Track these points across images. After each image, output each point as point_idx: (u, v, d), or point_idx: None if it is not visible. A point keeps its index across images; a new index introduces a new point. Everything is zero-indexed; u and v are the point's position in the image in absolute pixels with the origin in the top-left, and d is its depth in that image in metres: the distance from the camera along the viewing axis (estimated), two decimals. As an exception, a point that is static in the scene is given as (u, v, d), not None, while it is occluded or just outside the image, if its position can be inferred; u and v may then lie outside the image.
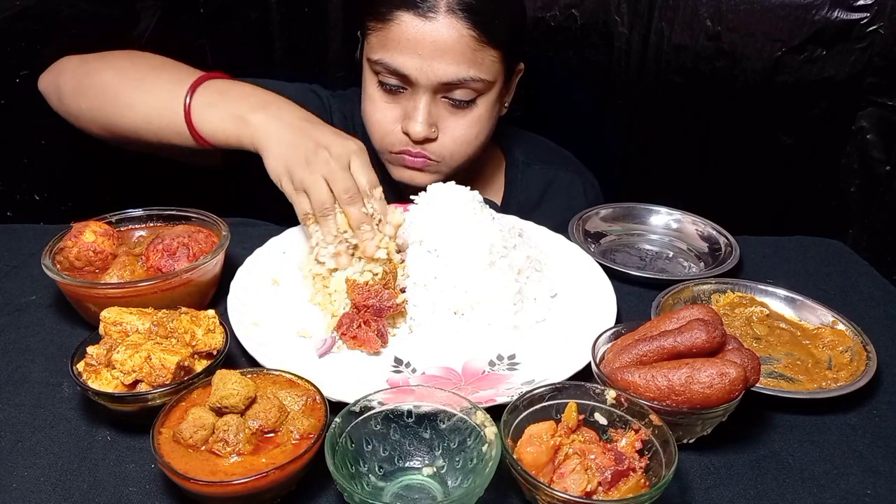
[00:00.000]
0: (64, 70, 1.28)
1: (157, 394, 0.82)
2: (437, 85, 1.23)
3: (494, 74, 1.27)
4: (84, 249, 1.02)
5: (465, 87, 1.25)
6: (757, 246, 1.34)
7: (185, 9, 1.61)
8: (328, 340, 1.01)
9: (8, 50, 1.37)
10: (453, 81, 1.23)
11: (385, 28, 1.23)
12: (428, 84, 1.23)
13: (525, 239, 1.19)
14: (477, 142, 1.33)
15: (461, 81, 1.23)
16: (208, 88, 1.18)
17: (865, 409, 0.95)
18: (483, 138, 1.34)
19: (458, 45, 1.20)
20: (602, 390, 0.82)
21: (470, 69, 1.22)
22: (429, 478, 0.79)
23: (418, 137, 1.27)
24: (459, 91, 1.25)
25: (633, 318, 1.05)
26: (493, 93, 1.30)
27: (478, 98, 1.28)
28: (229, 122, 1.15)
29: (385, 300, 1.01)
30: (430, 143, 1.30)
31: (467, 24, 1.20)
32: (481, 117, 1.31)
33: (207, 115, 1.16)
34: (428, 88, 1.24)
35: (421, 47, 1.20)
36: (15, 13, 1.36)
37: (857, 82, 1.50)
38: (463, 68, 1.22)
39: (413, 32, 1.20)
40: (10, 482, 0.79)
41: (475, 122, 1.30)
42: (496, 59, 1.26)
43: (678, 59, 1.59)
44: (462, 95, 1.26)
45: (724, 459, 0.85)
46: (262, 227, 1.29)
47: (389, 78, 1.26)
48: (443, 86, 1.24)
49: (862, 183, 1.58)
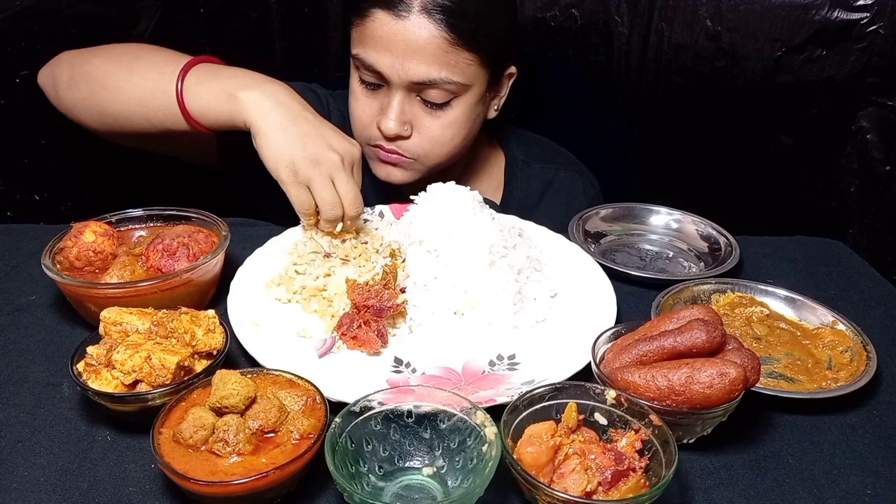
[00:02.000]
0: (60, 62, 1.28)
1: (158, 394, 0.82)
2: (408, 83, 1.24)
3: (470, 78, 1.26)
4: (84, 249, 1.02)
5: (438, 87, 1.25)
6: (757, 246, 1.34)
7: (185, 9, 1.61)
8: (328, 340, 1.01)
9: (8, 50, 1.37)
10: (424, 81, 1.23)
11: (363, 24, 1.24)
12: (399, 82, 1.24)
13: (525, 239, 1.19)
14: (452, 144, 1.33)
15: (432, 82, 1.23)
16: (200, 69, 1.18)
17: (865, 409, 0.95)
18: (460, 141, 1.34)
19: (429, 45, 1.20)
20: (602, 390, 0.82)
21: (442, 70, 1.22)
22: (429, 478, 0.79)
23: (389, 134, 1.27)
24: (433, 92, 1.25)
25: (633, 318, 1.05)
26: (470, 96, 1.29)
27: (453, 100, 1.28)
28: (221, 100, 1.12)
29: (385, 300, 1.01)
30: (403, 140, 1.30)
31: (440, 25, 1.20)
32: (457, 120, 1.30)
33: (198, 92, 1.14)
34: (400, 86, 1.24)
35: (393, 45, 1.21)
36: (15, 13, 1.36)
37: (857, 82, 1.50)
38: (434, 69, 1.22)
39: (386, 30, 1.21)
40: (10, 482, 0.79)
41: (450, 125, 1.30)
42: (472, 63, 1.25)
43: (678, 59, 1.59)
44: (436, 97, 1.26)
45: (724, 459, 0.85)
46: (262, 227, 1.29)
47: (367, 74, 1.27)
48: (415, 85, 1.24)
49: (862, 183, 1.58)
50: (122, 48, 1.28)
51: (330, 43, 1.75)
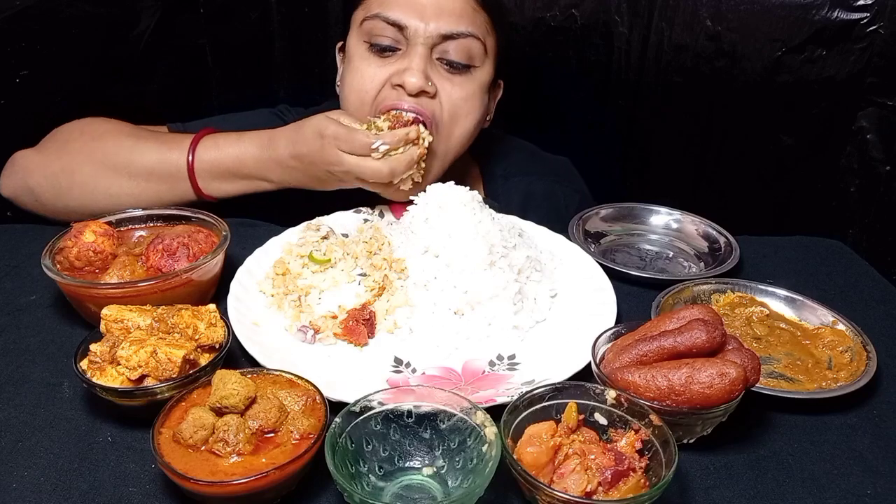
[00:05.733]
0: (29, 170, 1.25)
1: (165, 387, 0.82)
2: (435, 37, 1.22)
3: (489, 46, 1.28)
4: (84, 249, 1.02)
5: (462, 42, 1.23)
6: (757, 246, 1.33)
7: (185, 9, 1.61)
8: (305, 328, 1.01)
9: (8, 50, 1.37)
10: (452, 33, 1.22)
11: None
12: (426, 35, 1.21)
13: (525, 239, 1.19)
14: (469, 120, 1.29)
15: (459, 34, 1.22)
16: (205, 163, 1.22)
17: (865, 409, 0.95)
18: (472, 124, 1.30)
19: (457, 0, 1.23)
20: (602, 390, 0.82)
21: (469, 25, 1.23)
22: (429, 478, 0.79)
23: (413, 88, 1.20)
24: (455, 48, 1.24)
25: (633, 318, 1.05)
26: (485, 72, 1.29)
27: (472, 68, 1.27)
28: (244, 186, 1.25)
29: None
30: (427, 99, 1.24)
31: None
32: (475, 94, 1.28)
33: (220, 186, 1.24)
34: (426, 42, 1.22)
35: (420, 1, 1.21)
36: (15, 13, 1.36)
37: (857, 82, 1.50)
38: (462, 22, 1.23)
39: None
40: (10, 482, 0.79)
41: (469, 97, 1.27)
42: (489, 31, 1.27)
43: (678, 59, 1.59)
44: (458, 55, 1.24)
45: (724, 459, 0.85)
46: (262, 227, 1.29)
47: (383, 36, 1.23)
48: (441, 38, 1.22)
49: (862, 183, 1.58)
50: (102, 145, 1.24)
51: (330, 43, 1.74)
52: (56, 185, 1.22)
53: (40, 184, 1.23)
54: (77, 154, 1.23)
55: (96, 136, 1.25)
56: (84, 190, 1.22)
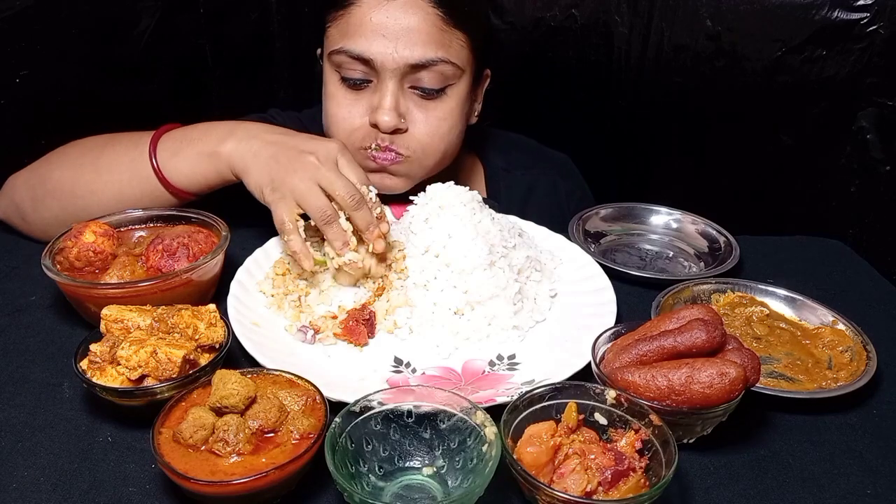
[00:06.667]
0: (15, 188, 1.22)
1: (166, 387, 0.82)
2: (404, 68, 1.16)
3: (463, 62, 1.22)
4: (84, 250, 1.02)
5: (434, 70, 1.18)
6: (757, 246, 1.33)
7: (185, 9, 1.61)
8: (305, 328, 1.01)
9: (8, 50, 1.37)
10: (421, 63, 1.16)
11: (346, 15, 1.18)
12: (395, 67, 1.16)
13: (525, 239, 1.19)
14: (449, 137, 1.26)
15: (429, 62, 1.17)
16: (167, 141, 1.15)
17: (865, 409, 0.95)
18: (455, 136, 1.28)
19: (423, 23, 1.15)
20: (602, 390, 0.82)
21: (438, 50, 1.17)
22: (429, 478, 0.79)
23: (387, 128, 1.18)
24: (428, 76, 1.19)
25: (633, 318, 1.05)
26: (462, 84, 1.24)
27: (447, 88, 1.22)
28: (203, 163, 1.12)
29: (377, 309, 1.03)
30: (401, 135, 1.21)
31: (431, 2, 1.16)
32: (452, 111, 1.24)
33: (177, 166, 1.13)
34: (395, 74, 1.17)
35: (385, 28, 1.14)
36: (15, 13, 1.36)
37: (857, 82, 1.50)
38: (430, 48, 1.16)
39: (376, 14, 1.15)
40: (10, 482, 0.79)
41: (446, 116, 1.23)
42: (464, 45, 1.21)
43: (678, 59, 1.59)
44: (431, 81, 1.20)
45: (724, 459, 0.86)
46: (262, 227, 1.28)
47: (352, 70, 1.19)
48: (410, 68, 1.17)
49: (862, 183, 1.58)
50: (74, 150, 1.21)
51: (330, 43, 1.75)
52: (33, 196, 1.20)
53: (22, 198, 1.21)
54: (52, 161, 1.21)
55: (73, 143, 1.23)
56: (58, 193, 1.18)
